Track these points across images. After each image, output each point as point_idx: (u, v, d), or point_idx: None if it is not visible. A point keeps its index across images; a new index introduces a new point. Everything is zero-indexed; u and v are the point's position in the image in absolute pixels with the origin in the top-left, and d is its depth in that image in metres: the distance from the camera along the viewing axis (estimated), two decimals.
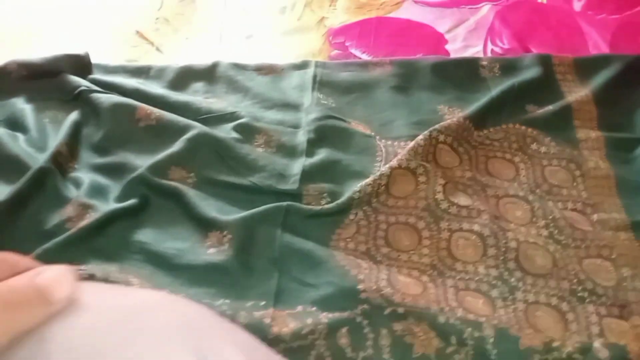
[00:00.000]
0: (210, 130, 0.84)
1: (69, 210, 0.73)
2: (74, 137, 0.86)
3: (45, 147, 0.84)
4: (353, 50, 1.09)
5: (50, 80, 0.95)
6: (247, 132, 0.86)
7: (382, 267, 0.70)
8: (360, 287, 0.65)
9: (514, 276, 0.69)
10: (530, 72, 0.97)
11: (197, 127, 0.83)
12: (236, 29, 1.14)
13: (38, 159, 0.79)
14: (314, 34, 1.13)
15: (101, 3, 1.21)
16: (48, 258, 0.66)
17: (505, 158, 0.85)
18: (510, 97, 0.93)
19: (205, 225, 0.73)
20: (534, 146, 0.87)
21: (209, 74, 0.98)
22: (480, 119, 0.89)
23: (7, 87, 0.96)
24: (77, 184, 0.78)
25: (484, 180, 0.81)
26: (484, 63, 0.99)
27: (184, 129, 0.84)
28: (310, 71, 0.99)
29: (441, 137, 0.84)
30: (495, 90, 0.94)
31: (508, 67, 0.99)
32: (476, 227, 0.74)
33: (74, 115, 0.89)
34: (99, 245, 0.70)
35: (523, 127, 0.89)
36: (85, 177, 0.80)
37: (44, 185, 0.75)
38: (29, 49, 1.11)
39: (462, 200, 0.77)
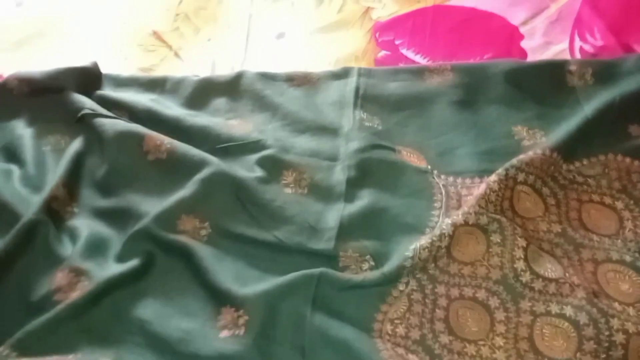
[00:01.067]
0: (228, 168, 0.69)
1: (59, 278, 0.61)
2: (75, 174, 0.73)
3: (42, 185, 0.72)
4: (404, 51, 0.90)
5: (54, 98, 0.83)
6: (274, 167, 0.71)
7: None
8: None
9: None
10: (635, 81, 0.74)
11: (214, 165, 0.68)
12: (265, 27, 0.97)
13: (32, 204, 0.67)
14: (357, 30, 0.95)
15: None
16: (32, 342, 0.55)
17: (605, 203, 0.66)
18: (610, 117, 0.72)
19: (218, 298, 0.59)
20: None
21: (232, 88, 0.83)
22: (571, 147, 0.70)
23: (8, 105, 0.85)
24: (73, 236, 0.66)
25: (578, 237, 0.62)
26: (573, 68, 0.78)
27: (198, 165, 0.69)
28: (352, 82, 0.82)
29: (520, 177, 0.66)
30: (588, 107, 0.73)
31: (604, 73, 0.77)
32: (569, 311, 0.56)
33: (76, 145, 0.77)
34: (91, 323, 0.58)
35: (627, 159, 0.69)
36: (84, 226, 0.67)
37: (34, 241, 0.64)
38: (38, 51, 0.99)
39: (550, 270, 0.59)
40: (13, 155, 0.77)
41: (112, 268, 0.62)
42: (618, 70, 0.77)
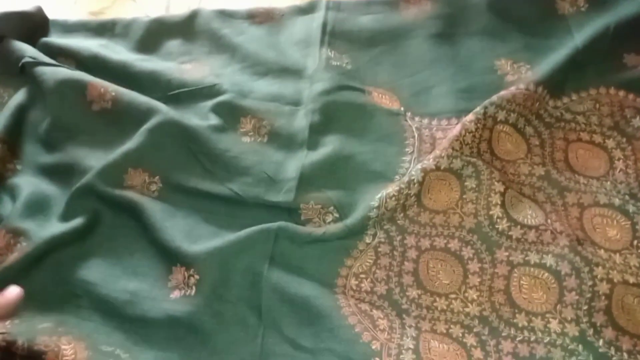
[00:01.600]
0: (178, 117, 0.62)
1: None
2: (16, 128, 0.67)
3: None
4: None
5: None
6: (231, 114, 0.64)
7: (409, 323, 0.50)
8: None
9: (603, 338, 0.47)
10: (633, 5, 0.66)
11: (162, 113, 0.62)
12: None
13: None
14: None
15: None
16: None
17: (594, 142, 0.60)
18: (603, 46, 0.64)
19: (169, 257, 0.54)
20: (636, 122, 0.60)
21: (186, 28, 0.75)
22: (558, 81, 0.63)
23: None
24: (14, 195, 0.61)
25: (563, 179, 0.57)
26: None
27: (146, 114, 0.63)
28: (319, 17, 0.74)
29: (501, 115, 0.59)
30: (580, 36, 0.65)
31: None
32: (549, 261, 0.51)
33: (18, 97, 0.70)
34: (31, 287, 0.53)
35: (621, 92, 0.62)
36: (26, 184, 0.62)
37: None
38: None
39: (530, 216, 0.53)
40: None
41: (54, 228, 0.57)
42: None
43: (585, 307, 0.49)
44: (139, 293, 0.53)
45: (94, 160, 0.62)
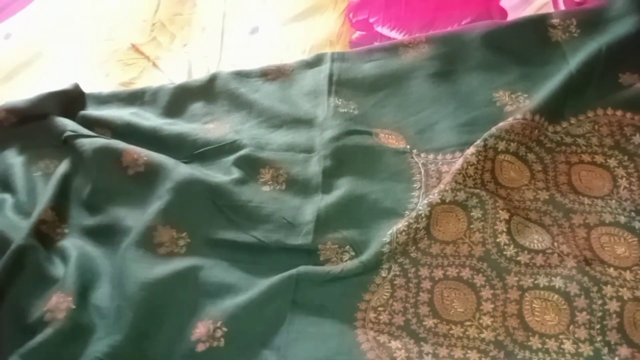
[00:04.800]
0: (202, 175, 0.68)
1: (53, 301, 0.62)
2: (63, 196, 0.75)
3: (33, 211, 0.74)
4: (379, 29, 0.87)
5: (40, 124, 0.85)
6: (251, 166, 0.70)
7: (427, 350, 0.52)
8: None
9: (619, 356, 0.48)
10: (623, 25, 0.69)
11: (186, 174, 0.68)
12: (239, 24, 0.95)
13: (21, 230, 0.69)
14: (330, 14, 0.92)
15: (96, 15, 1.08)
16: None
17: (596, 162, 0.62)
18: (597, 68, 0.67)
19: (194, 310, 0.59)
20: (636, 139, 0.62)
21: (207, 91, 0.82)
22: (556, 108, 0.66)
23: (1, 136, 0.87)
24: (63, 257, 0.68)
25: (567, 202, 0.59)
26: (555, 21, 0.73)
27: (173, 175, 0.69)
28: (325, 69, 0.80)
29: (501, 145, 0.62)
30: (573, 61, 0.68)
31: (589, 22, 0.72)
32: (558, 283, 0.53)
33: (62, 167, 0.78)
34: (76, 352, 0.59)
35: (618, 112, 0.64)
36: (74, 247, 0.68)
37: (24, 266, 0.65)
38: (26, 80, 1.01)
39: (536, 241, 0.56)
40: (5, 184, 0.79)
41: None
42: (605, 16, 0.72)
43: (598, 327, 0.50)
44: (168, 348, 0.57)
45: (131, 220, 0.68)
